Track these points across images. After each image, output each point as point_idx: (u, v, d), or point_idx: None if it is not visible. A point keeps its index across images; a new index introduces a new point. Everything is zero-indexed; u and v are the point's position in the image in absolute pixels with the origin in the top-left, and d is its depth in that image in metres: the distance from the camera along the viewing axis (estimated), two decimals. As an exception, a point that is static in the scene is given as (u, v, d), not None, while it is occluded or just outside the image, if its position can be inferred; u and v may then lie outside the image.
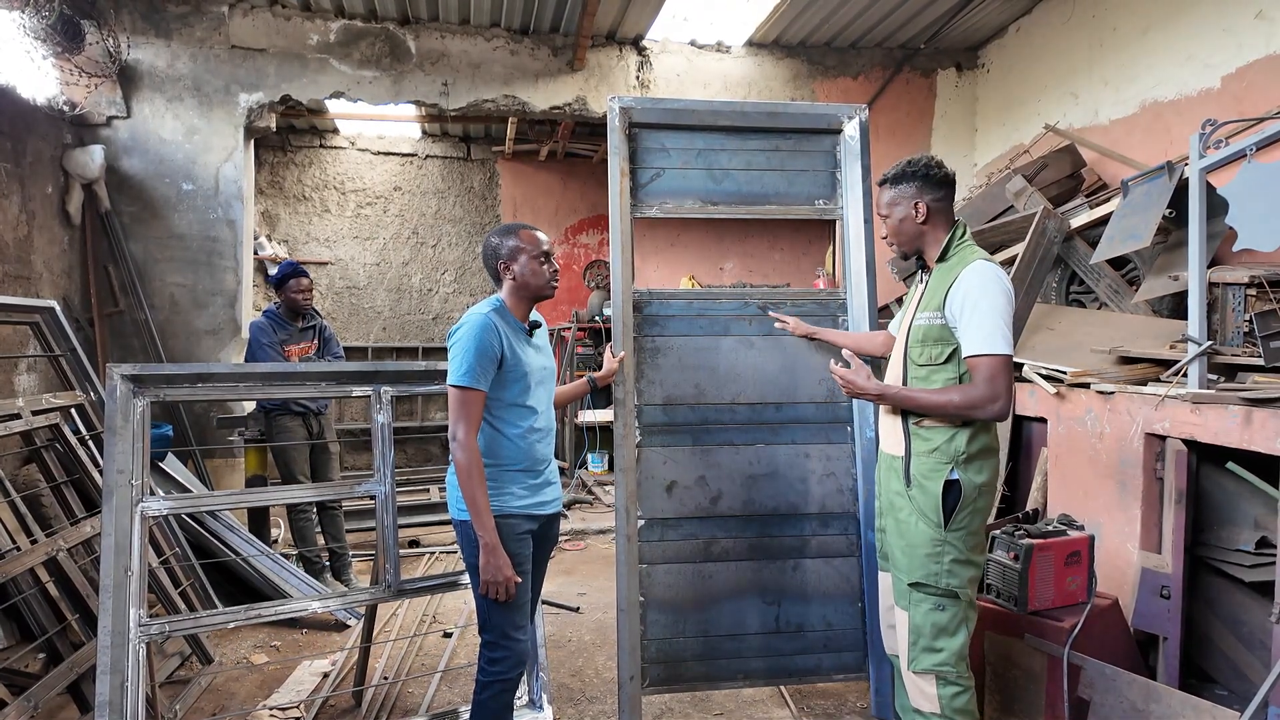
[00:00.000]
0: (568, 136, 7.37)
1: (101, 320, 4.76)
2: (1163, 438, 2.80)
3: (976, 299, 1.98)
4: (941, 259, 2.14)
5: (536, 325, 2.26)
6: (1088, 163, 4.61)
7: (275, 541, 4.68)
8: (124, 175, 4.84)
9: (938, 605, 2.03)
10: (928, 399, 2.04)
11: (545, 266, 2.23)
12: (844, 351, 2.25)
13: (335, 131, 7.85)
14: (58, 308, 3.40)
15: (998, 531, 2.55)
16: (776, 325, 2.83)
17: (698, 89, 5.59)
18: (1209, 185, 2.83)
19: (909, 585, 2.07)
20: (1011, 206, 4.42)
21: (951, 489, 2.02)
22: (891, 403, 2.13)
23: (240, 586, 3.84)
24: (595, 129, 7.20)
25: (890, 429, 2.21)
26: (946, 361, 2.06)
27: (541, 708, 2.79)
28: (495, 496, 2.10)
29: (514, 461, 2.15)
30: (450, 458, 2.07)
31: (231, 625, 2.49)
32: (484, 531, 2.01)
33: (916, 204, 2.13)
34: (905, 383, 2.15)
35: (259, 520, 4.35)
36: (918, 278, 2.29)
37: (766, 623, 2.82)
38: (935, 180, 2.13)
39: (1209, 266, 2.89)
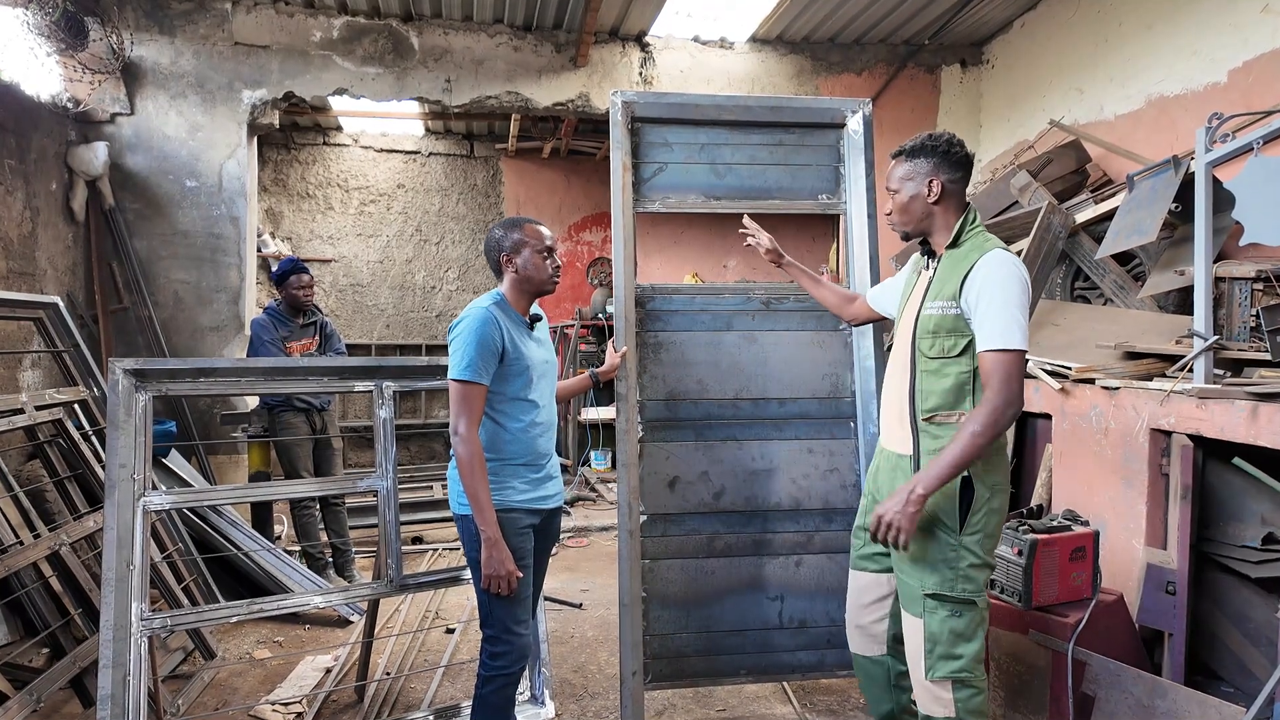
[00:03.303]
0: (571, 134, 7.37)
1: (106, 317, 4.77)
2: (1168, 433, 2.79)
3: (994, 290, 1.85)
4: (953, 245, 2.00)
5: (537, 319, 2.26)
6: (1093, 158, 4.59)
7: (279, 538, 4.68)
8: (128, 172, 4.85)
9: (955, 612, 1.92)
10: (960, 452, 1.82)
11: (548, 261, 2.23)
12: (873, 515, 1.94)
13: (339, 129, 7.86)
14: (61, 304, 3.41)
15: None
16: (749, 239, 2.67)
17: (701, 85, 5.58)
18: (1215, 179, 2.82)
19: (925, 595, 1.95)
20: (1016, 202, 4.41)
21: (965, 489, 1.90)
22: (937, 485, 1.86)
23: (243, 582, 3.84)
24: (598, 126, 7.19)
25: (896, 424, 2.08)
26: (961, 354, 1.92)
27: (544, 703, 2.79)
28: (497, 491, 2.09)
29: (516, 455, 2.14)
30: (452, 452, 2.07)
31: (234, 620, 2.49)
32: (485, 526, 2.01)
33: (931, 181, 1.99)
34: (914, 375, 1.99)
35: (262, 516, 4.36)
36: (921, 263, 2.13)
37: (769, 618, 2.81)
38: (954, 159, 2.00)
39: (1215, 261, 2.87)
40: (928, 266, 2.08)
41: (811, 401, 2.87)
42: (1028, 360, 3.43)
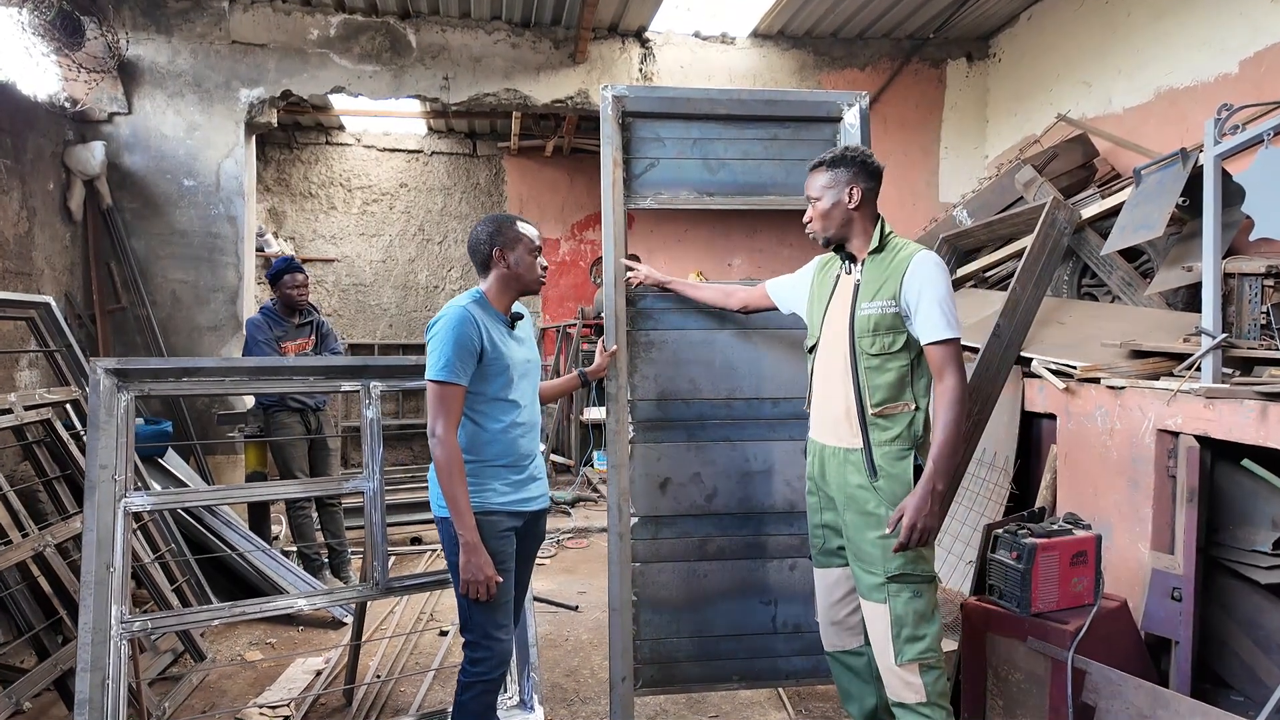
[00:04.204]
0: (573, 132, 7.33)
1: (104, 317, 4.77)
2: (1175, 434, 2.71)
3: (930, 289, 2.03)
4: (878, 249, 2.15)
5: (519, 317, 2.21)
6: (1100, 152, 4.50)
7: (276, 538, 4.66)
8: (125, 171, 4.84)
9: (916, 593, 2.04)
10: (949, 438, 1.98)
11: (537, 260, 2.19)
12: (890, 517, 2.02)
13: (341, 129, 7.85)
14: (53, 303, 3.39)
15: (1000, 530, 2.47)
16: (630, 276, 2.70)
17: (702, 81, 5.52)
18: (1224, 172, 2.73)
19: (888, 579, 2.05)
20: (1021, 198, 4.32)
21: (918, 474, 2.04)
22: (949, 474, 2.03)
23: (238, 583, 3.82)
24: (599, 125, 7.13)
25: (841, 420, 2.15)
26: (901, 350, 2.07)
27: (532, 708, 2.74)
28: (477, 493, 2.04)
29: (496, 457, 2.10)
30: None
31: (215, 623, 2.46)
32: (464, 530, 1.96)
33: (850, 189, 2.14)
34: (856, 374, 2.11)
35: (259, 517, 4.34)
36: (839, 268, 2.24)
37: (763, 623, 2.75)
38: (870, 169, 2.16)
39: (1224, 257, 2.79)
40: (849, 271, 2.21)
41: (806, 402, 2.80)
42: (1029, 360, 3.38)
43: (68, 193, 4.60)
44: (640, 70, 5.48)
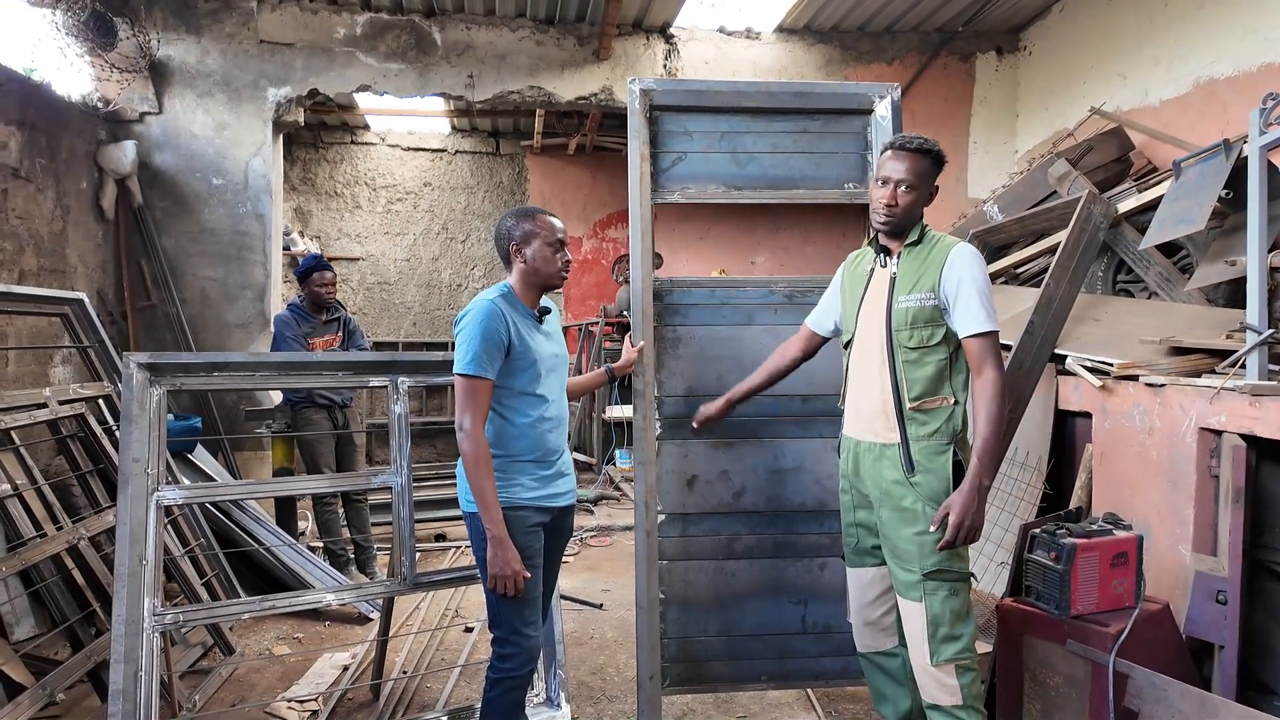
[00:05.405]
0: (595, 129, 7.31)
1: (134, 314, 4.83)
2: (1218, 433, 2.63)
3: (971, 281, 2.02)
4: (916, 242, 2.13)
5: (546, 311, 2.19)
6: (1136, 146, 4.40)
7: (303, 534, 4.69)
8: (156, 170, 4.90)
9: (953, 591, 2.01)
10: (993, 432, 1.96)
11: (558, 255, 2.16)
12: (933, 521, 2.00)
13: (366, 128, 7.90)
14: (86, 300, 3.43)
15: (1037, 530, 2.41)
16: (695, 420, 2.59)
17: (726, 77, 5.47)
18: (1270, 164, 2.65)
19: (924, 576, 2.01)
20: (1054, 192, 4.24)
21: (957, 470, 2.02)
22: (994, 468, 2.03)
23: (266, 578, 3.85)
24: (623, 121, 7.10)
25: (877, 415, 2.12)
26: (940, 343, 2.05)
27: (559, 706, 2.72)
28: (504, 488, 2.03)
29: (524, 452, 2.08)
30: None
31: (245, 616, 2.48)
32: (491, 524, 1.95)
33: (934, 187, 2.16)
34: (894, 368, 2.07)
35: (286, 512, 4.37)
36: (874, 262, 2.20)
37: (792, 623, 2.72)
38: (942, 168, 2.17)
39: (1270, 250, 2.70)
40: (883, 265, 2.18)
41: (837, 398, 2.76)
42: (1064, 357, 3.30)
43: (100, 191, 4.67)
44: (664, 66, 5.45)
